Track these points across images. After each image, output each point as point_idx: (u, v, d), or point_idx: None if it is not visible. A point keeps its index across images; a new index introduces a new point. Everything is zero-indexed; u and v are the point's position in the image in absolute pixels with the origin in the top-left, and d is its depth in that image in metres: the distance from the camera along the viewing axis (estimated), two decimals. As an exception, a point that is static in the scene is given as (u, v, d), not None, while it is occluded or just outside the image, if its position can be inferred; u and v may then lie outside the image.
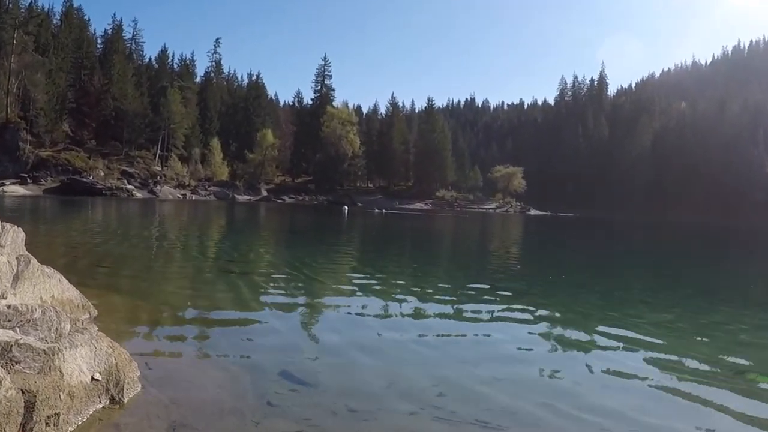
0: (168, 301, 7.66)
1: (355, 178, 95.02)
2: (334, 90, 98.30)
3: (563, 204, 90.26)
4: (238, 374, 4.61)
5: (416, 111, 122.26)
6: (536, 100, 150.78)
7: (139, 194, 59.60)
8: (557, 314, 7.99)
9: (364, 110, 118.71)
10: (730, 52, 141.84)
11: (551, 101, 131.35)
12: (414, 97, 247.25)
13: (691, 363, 5.69)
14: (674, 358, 5.90)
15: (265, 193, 77.21)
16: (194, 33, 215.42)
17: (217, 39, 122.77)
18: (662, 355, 6.01)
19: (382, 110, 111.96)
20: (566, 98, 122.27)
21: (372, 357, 5.37)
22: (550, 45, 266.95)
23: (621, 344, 6.41)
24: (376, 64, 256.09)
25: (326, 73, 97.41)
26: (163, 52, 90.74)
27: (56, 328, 4.04)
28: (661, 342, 6.65)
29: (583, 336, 6.86)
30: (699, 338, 7.04)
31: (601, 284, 12.30)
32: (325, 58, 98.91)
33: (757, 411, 4.39)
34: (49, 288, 5.28)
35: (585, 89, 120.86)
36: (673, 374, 5.29)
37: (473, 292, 9.68)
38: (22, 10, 66.01)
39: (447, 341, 6.19)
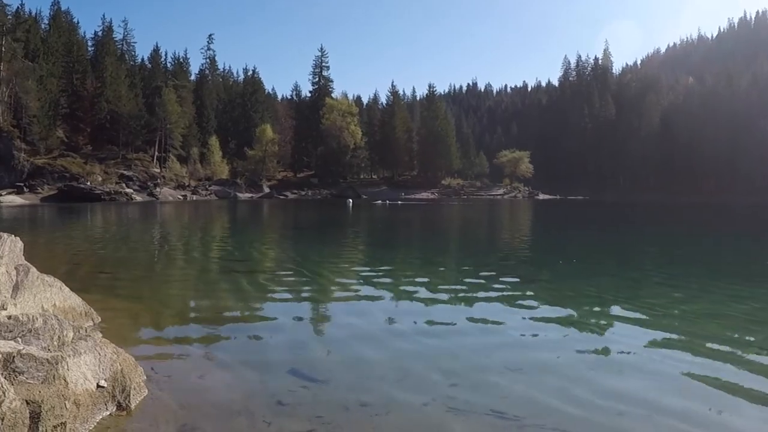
0: (172, 303, 7.61)
1: (358, 170, 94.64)
2: (332, 81, 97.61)
3: (572, 187, 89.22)
4: (246, 374, 4.55)
5: (418, 98, 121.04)
6: (540, 81, 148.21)
7: (138, 197, 59.34)
8: (569, 299, 7.90)
9: (365, 100, 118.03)
10: (736, 25, 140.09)
11: (555, 82, 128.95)
12: (415, 85, 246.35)
13: (708, 343, 5.60)
14: (691, 339, 5.81)
15: (267, 190, 76.70)
16: (186, 30, 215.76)
17: (210, 35, 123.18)
18: (678, 336, 5.93)
19: (383, 99, 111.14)
20: (570, 79, 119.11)
21: (381, 350, 5.30)
22: (552, 25, 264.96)
23: (636, 327, 6.32)
24: (375, 52, 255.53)
25: (323, 64, 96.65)
26: (156, 51, 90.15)
27: (59, 337, 3.99)
28: (676, 323, 6.58)
29: (596, 320, 6.79)
30: (715, 318, 6.93)
31: (613, 267, 12.20)
32: (321, 48, 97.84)
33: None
34: (50, 297, 5.23)
35: (589, 68, 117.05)
36: (690, 356, 5.20)
37: (483, 281, 9.55)
38: (9, 17, 64.91)
39: (457, 331, 6.10)
